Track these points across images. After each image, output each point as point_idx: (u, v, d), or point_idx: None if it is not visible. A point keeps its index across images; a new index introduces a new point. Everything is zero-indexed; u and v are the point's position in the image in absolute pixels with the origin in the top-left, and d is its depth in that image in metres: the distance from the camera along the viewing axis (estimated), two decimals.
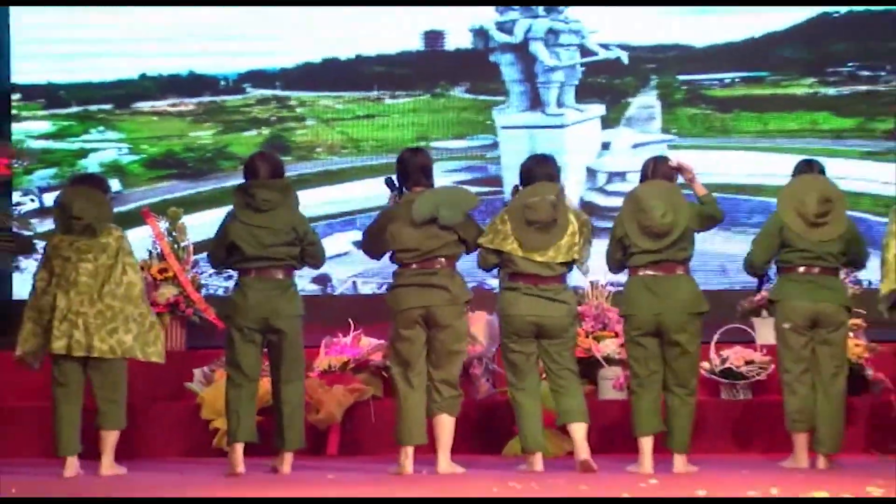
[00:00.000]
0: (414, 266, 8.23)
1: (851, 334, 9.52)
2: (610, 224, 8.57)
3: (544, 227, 8.20)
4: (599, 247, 8.47)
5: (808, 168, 8.59)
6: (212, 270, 10.07)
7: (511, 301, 8.26)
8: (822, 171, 8.59)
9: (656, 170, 8.37)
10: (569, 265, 8.33)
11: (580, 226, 8.31)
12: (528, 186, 8.30)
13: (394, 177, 8.40)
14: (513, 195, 8.41)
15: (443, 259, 8.24)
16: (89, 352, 8.22)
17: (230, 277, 10.26)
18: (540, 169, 8.37)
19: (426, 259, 8.22)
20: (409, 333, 8.21)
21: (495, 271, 8.48)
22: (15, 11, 11.61)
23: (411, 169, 8.35)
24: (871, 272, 9.07)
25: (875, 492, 6.88)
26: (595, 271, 9.08)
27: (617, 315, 9.67)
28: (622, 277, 8.62)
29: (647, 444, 8.18)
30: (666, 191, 8.26)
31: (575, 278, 8.73)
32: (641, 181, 8.40)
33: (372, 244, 8.43)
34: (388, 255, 8.39)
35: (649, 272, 8.24)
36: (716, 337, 9.55)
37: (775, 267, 8.60)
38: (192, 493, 7.35)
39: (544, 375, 8.43)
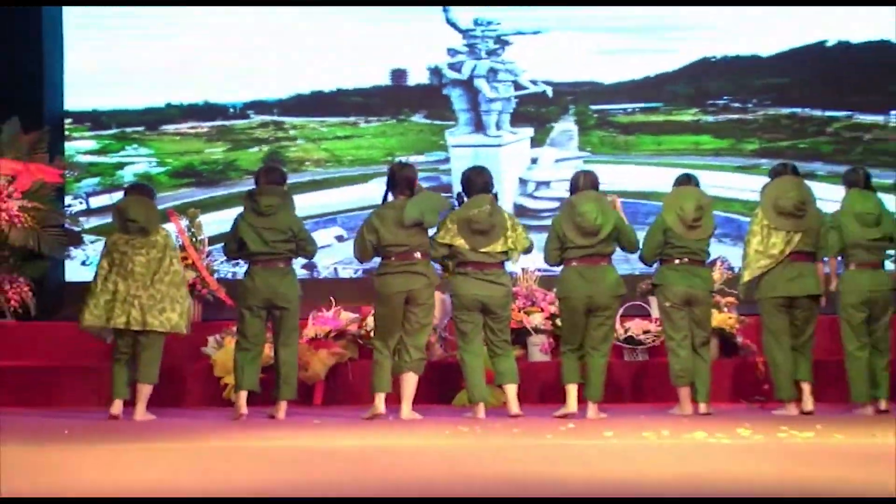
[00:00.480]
0: (393, 259, 8.23)
1: (725, 309, 9.65)
2: (539, 222, 8.62)
3: (485, 231, 8.24)
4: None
5: (686, 180, 8.63)
6: (223, 259, 10.05)
7: (461, 283, 8.28)
8: (696, 183, 8.63)
9: (585, 181, 8.41)
10: (506, 253, 8.36)
11: (513, 224, 8.36)
12: (469, 199, 8.29)
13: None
14: (458, 200, 8.45)
15: (419, 253, 8.25)
16: (144, 326, 8.27)
17: (237, 264, 10.29)
18: (477, 178, 8.35)
19: (407, 252, 8.22)
20: (393, 311, 8.20)
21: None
22: (68, 53, 11.57)
23: (399, 179, 8.30)
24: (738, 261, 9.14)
25: (744, 433, 6.98)
26: (525, 260, 9.13)
27: (543, 294, 9.76)
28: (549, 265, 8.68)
29: (572, 390, 8.26)
30: (596, 199, 8.30)
31: (511, 266, 8.77)
32: (572, 190, 8.40)
33: (362, 239, 8.29)
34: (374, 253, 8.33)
35: (581, 263, 8.29)
36: (620, 311, 9.61)
37: (658, 259, 8.68)
38: (205, 434, 7.40)
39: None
